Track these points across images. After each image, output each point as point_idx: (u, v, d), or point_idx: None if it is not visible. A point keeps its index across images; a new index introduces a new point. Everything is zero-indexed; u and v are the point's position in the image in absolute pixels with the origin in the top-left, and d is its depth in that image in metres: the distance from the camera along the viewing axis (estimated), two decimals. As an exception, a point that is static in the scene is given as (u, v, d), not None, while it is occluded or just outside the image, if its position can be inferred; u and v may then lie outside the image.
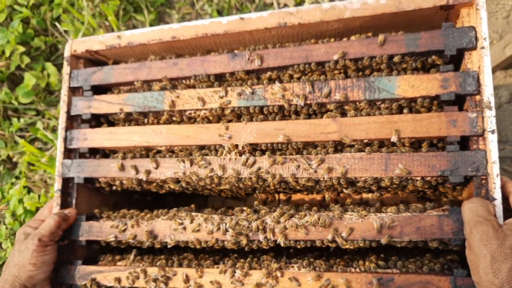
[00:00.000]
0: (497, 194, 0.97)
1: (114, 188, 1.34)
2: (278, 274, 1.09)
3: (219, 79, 1.24)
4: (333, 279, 1.05)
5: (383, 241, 1.02)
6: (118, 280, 1.21)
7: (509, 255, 0.83)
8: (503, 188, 0.99)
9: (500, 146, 2.27)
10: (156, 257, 1.24)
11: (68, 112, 1.35)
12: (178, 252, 1.28)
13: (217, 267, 1.15)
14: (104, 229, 1.25)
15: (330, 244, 1.07)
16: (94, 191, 1.41)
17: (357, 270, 1.07)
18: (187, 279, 1.15)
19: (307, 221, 1.08)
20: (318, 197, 1.56)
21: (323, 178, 1.09)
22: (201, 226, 1.16)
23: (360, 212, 1.06)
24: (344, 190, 1.15)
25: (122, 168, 1.26)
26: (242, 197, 1.66)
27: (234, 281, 1.11)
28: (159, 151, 1.29)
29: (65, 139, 1.33)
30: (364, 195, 1.54)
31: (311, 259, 1.12)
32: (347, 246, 1.06)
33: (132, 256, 1.24)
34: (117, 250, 1.33)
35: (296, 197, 1.60)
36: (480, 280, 0.86)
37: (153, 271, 1.18)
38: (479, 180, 1.00)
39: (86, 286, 1.22)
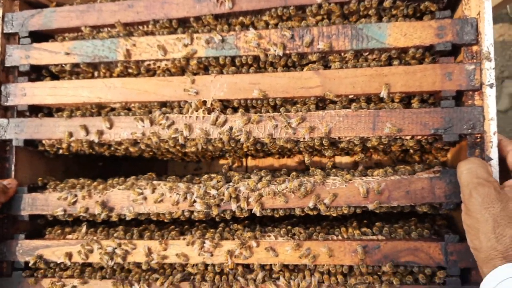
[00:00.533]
0: (494, 154, 0.89)
1: (61, 151, 1.16)
2: (254, 244, 0.98)
3: (183, 24, 1.07)
4: (313, 248, 0.96)
5: (371, 207, 0.93)
6: (69, 255, 1.06)
7: None
8: (498, 147, 0.90)
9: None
10: (112, 229, 1.09)
11: (2, 63, 1.14)
12: (138, 225, 1.14)
13: (184, 239, 1.02)
14: (50, 202, 1.08)
15: (310, 212, 0.97)
16: (37, 155, 1.23)
17: (340, 237, 0.98)
18: (149, 252, 1.02)
19: (286, 188, 0.96)
20: (291, 161, 1.44)
21: (304, 138, 0.97)
22: (165, 196, 1.02)
23: (344, 176, 0.96)
24: (325, 152, 1.04)
25: (69, 128, 1.08)
26: (207, 162, 1.53)
27: (202, 253, 0.99)
28: (113, 109, 1.12)
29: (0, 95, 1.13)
30: (338, 159, 1.45)
31: (289, 227, 1.01)
32: (329, 214, 0.96)
33: (84, 228, 1.09)
34: (66, 222, 1.16)
35: (266, 162, 1.48)
36: (481, 246, 0.78)
37: (109, 244, 1.04)
38: (473, 139, 0.91)
39: (31, 263, 1.06)
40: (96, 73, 1.14)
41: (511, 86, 2.16)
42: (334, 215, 0.96)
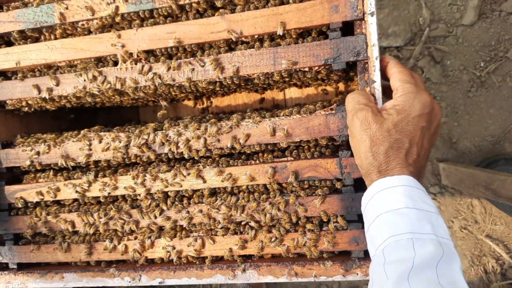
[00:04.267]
0: (376, 77, 0.99)
1: (25, 109, 1.33)
2: (184, 172, 1.15)
3: (105, -16, 1.18)
4: (233, 172, 1.12)
5: (282, 144, 1.07)
6: (40, 193, 1.26)
7: (386, 137, 0.87)
8: (385, 69, 1.01)
9: (433, 26, 2.27)
10: (72, 172, 1.28)
11: (-39, 35, 1.29)
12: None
13: (130, 174, 1.20)
14: (20, 155, 1.27)
15: (231, 151, 1.12)
16: (11, 113, 1.41)
17: (257, 162, 1.13)
18: (103, 188, 1.21)
19: (208, 132, 1.11)
20: (246, 98, 1.58)
21: (218, 78, 1.10)
22: (110, 144, 1.18)
23: (255, 118, 1.09)
24: (242, 88, 1.16)
25: (24, 88, 1.24)
26: (173, 105, 1.68)
27: (144, 184, 1.17)
28: (58, 68, 1.27)
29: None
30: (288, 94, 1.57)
31: (216, 158, 1.17)
32: (245, 151, 1.10)
33: (50, 173, 1.28)
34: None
35: (224, 102, 1.63)
36: (362, 163, 0.91)
37: (70, 182, 1.24)
38: (362, 65, 1.02)
39: (14, 204, 1.28)
40: (42, 37, 1.28)
41: (476, -1, 2.15)
42: (248, 152, 1.11)
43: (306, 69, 1.06)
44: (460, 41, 2.28)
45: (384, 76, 1.01)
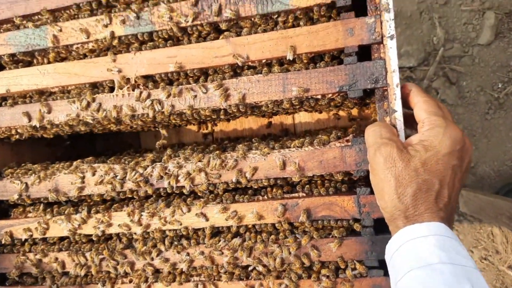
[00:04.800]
0: (398, 106, 0.89)
1: (16, 137, 1.24)
2: (184, 209, 1.04)
3: (101, 5, 1.10)
4: (239, 209, 1.01)
5: (295, 179, 0.96)
6: (29, 230, 1.16)
7: (413, 177, 0.76)
8: (407, 98, 0.90)
9: (448, 45, 2.17)
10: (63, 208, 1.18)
11: (-50, 59, 1.21)
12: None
13: (125, 210, 1.10)
14: (8, 188, 1.18)
15: (236, 185, 1.02)
16: (0, 142, 1.32)
17: (265, 197, 1.03)
18: (97, 224, 1.11)
19: (210, 165, 1.01)
20: (253, 123, 1.48)
21: (222, 106, 1.01)
22: (104, 178, 1.09)
23: (263, 150, 0.99)
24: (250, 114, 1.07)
25: (13, 116, 1.15)
26: (176, 130, 1.58)
27: (141, 222, 1.07)
28: (53, 93, 1.18)
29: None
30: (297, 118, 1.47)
31: (219, 193, 1.07)
32: (251, 185, 1.00)
33: (41, 207, 1.18)
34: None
35: (229, 126, 1.54)
36: (386, 205, 0.80)
37: (60, 218, 1.13)
38: (381, 92, 0.92)
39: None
40: (35, 61, 1.19)
41: (492, 17, 2.05)
42: (256, 187, 1.00)
43: (319, 96, 0.96)
44: (476, 61, 2.18)
45: (405, 104, 0.91)
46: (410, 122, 0.91)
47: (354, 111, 1.40)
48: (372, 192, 0.93)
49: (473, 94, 2.20)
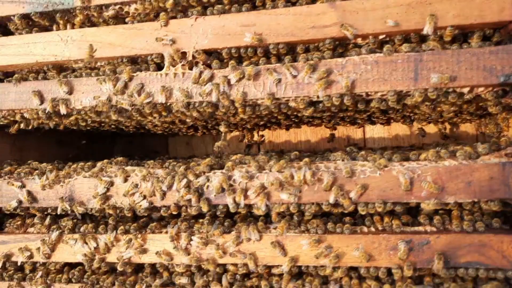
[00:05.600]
0: None
1: (20, 126, 0.94)
2: (253, 236, 0.74)
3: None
4: (336, 244, 0.71)
5: (428, 207, 0.67)
6: (27, 250, 0.85)
7: None
8: None
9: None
10: (80, 221, 0.87)
11: None
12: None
13: (166, 232, 0.79)
14: (3, 191, 0.87)
15: (332, 209, 0.72)
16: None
17: (372, 229, 0.73)
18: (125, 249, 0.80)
19: (297, 177, 0.71)
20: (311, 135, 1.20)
21: (318, 96, 0.71)
22: (140, 187, 0.78)
23: (377, 161, 0.69)
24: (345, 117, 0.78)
25: (20, 95, 0.85)
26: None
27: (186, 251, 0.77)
28: (74, 70, 0.88)
29: None
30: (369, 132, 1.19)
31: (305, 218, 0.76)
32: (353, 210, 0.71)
33: (47, 220, 0.87)
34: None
35: (281, 137, 1.25)
36: None
37: (73, 237, 0.83)
38: (562, 89, 0.63)
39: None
40: (55, 27, 0.90)
41: None
42: (364, 213, 0.71)
43: (466, 89, 0.67)
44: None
45: None
46: None
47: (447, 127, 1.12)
48: (544, 233, 0.64)
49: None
